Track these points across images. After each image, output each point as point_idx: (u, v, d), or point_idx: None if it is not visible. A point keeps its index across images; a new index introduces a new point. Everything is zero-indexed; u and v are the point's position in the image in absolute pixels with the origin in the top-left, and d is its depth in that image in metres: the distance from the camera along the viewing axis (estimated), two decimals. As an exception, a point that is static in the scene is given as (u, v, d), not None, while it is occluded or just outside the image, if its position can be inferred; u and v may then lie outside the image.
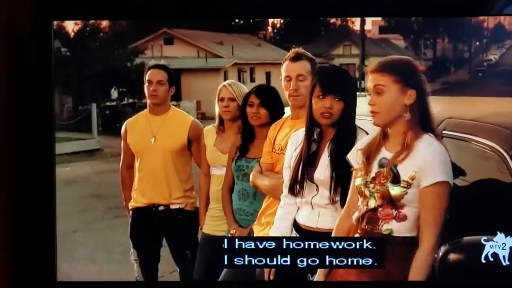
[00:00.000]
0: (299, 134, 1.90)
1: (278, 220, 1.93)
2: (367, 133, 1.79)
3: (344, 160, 1.76)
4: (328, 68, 1.93)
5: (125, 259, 2.30)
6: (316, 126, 1.84)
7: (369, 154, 1.69)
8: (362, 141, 1.75)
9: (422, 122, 1.65)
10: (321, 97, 1.80)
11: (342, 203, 1.78)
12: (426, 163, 1.60)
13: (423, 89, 1.66)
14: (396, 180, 1.63)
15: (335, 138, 1.82)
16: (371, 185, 1.67)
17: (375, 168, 1.68)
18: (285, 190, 1.90)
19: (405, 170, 1.62)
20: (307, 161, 1.83)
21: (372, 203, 1.67)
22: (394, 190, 1.63)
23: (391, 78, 1.63)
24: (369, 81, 1.66)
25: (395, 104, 1.63)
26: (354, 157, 1.73)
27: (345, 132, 1.81)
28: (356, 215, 1.72)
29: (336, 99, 1.80)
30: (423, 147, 1.62)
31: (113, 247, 2.33)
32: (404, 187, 1.62)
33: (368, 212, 1.68)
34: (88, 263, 2.23)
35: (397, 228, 1.64)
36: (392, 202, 1.63)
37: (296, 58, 1.99)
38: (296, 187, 1.85)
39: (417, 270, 1.62)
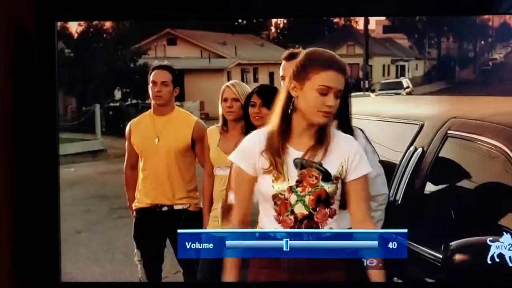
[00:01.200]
0: None
1: None
2: (360, 129, 1.83)
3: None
4: None
5: (129, 260, 2.30)
6: None
7: (274, 155, 1.65)
8: (257, 141, 1.70)
9: None
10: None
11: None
12: (354, 156, 1.64)
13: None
14: (327, 177, 1.62)
15: None
16: (299, 189, 1.64)
17: (291, 171, 1.64)
18: None
19: (332, 166, 1.63)
20: None
21: (303, 209, 1.65)
22: (329, 188, 1.63)
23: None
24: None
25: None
26: (250, 159, 1.69)
27: (344, 130, 1.79)
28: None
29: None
30: (342, 140, 1.66)
31: (116, 248, 2.33)
32: (335, 183, 1.63)
33: (302, 223, 1.67)
34: (92, 263, 2.23)
35: (335, 225, 1.67)
36: (327, 201, 1.63)
37: (290, 57, 1.98)
38: None
39: None
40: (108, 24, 2.27)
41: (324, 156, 1.63)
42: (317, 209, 1.64)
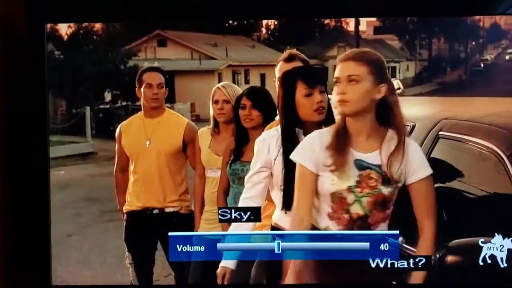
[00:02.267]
0: (270, 140, 1.89)
1: (237, 225, 1.94)
2: None
3: None
4: (303, 67, 1.93)
5: (120, 263, 2.29)
6: (299, 131, 1.83)
7: (336, 153, 1.67)
8: (318, 140, 1.72)
9: (388, 119, 1.66)
10: (309, 94, 1.80)
11: None
12: (411, 159, 1.64)
13: (391, 86, 1.67)
14: (387, 181, 1.62)
15: None
16: (357, 190, 1.65)
17: (353, 171, 1.66)
18: (250, 192, 1.91)
19: (391, 169, 1.63)
20: None
21: (358, 209, 1.65)
22: (387, 191, 1.63)
23: (367, 69, 1.63)
24: (342, 70, 1.66)
25: (367, 95, 1.64)
26: (312, 157, 1.70)
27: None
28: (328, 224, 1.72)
29: (321, 91, 1.80)
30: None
31: (107, 251, 2.32)
32: (394, 187, 1.64)
33: (357, 222, 1.67)
34: (82, 267, 2.23)
35: (384, 229, 1.70)
36: (384, 204, 1.63)
37: (289, 59, 1.99)
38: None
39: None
40: (98, 26, 2.26)
41: (388, 160, 1.65)
42: (373, 212, 1.66)
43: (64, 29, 2.17)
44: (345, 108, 1.65)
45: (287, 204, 1.84)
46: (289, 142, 1.82)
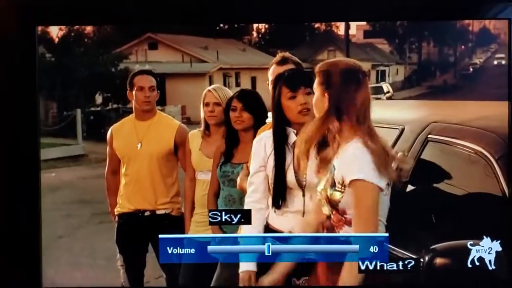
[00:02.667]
0: (266, 139, 1.90)
1: (248, 227, 1.93)
2: None
3: None
4: (287, 70, 1.94)
5: (111, 265, 2.29)
6: (290, 131, 1.84)
7: (324, 159, 1.71)
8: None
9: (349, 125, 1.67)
10: (292, 97, 1.81)
11: None
12: (346, 163, 1.63)
13: (341, 92, 1.68)
14: (333, 183, 1.64)
15: None
16: (322, 192, 1.69)
17: (328, 173, 1.69)
18: (255, 195, 1.91)
19: (338, 173, 1.64)
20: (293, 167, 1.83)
21: (326, 211, 1.68)
22: (333, 195, 1.63)
23: (317, 79, 1.70)
24: None
25: (318, 105, 1.69)
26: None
27: None
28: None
29: (307, 93, 1.81)
30: (347, 148, 1.65)
31: (98, 253, 2.32)
32: (339, 190, 1.63)
33: (325, 222, 1.69)
34: (73, 269, 2.22)
35: (351, 232, 1.66)
36: (336, 207, 1.64)
37: (282, 62, 2.00)
38: (283, 198, 1.85)
39: (347, 270, 1.67)
40: (89, 29, 2.26)
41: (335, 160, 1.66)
42: (334, 213, 1.67)
43: (55, 31, 2.18)
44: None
45: (275, 203, 1.86)
46: (279, 141, 1.85)
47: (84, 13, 2.03)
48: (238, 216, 1.93)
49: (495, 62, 2.13)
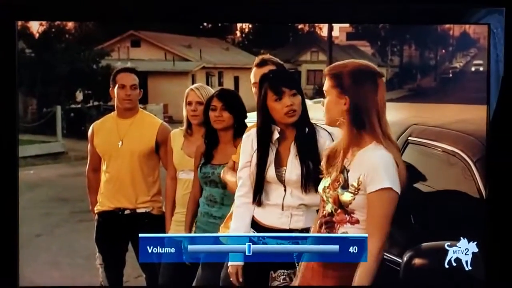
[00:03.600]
0: (253, 136, 1.90)
1: (235, 221, 1.92)
2: (329, 132, 1.82)
3: (312, 159, 1.78)
4: (272, 72, 1.94)
5: (90, 264, 2.27)
6: (275, 128, 1.85)
7: (329, 158, 1.71)
8: (329, 144, 1.78)
9: (365, 128, 1.65)
10: (278, 99, 1.81)
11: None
12: (371, 169, 1.60)
13: (360, 96, 1.66)
14: (346, 185, 1.64)
15: (298, 136, 1.83)
16: (328, 190, 1.68)
17: (334, 173, 1.69)
18: (243, 189, 1.91)
19: (353, 175, 1.63)
20: (274, 163, 1.84)
21: (329, 208, 1.68)
22: (344, 196, 1.64)
23: (330, 83, 1.67)
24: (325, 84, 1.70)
25: (334, 108, 1.67)
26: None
27: (306, 129, 1.83)
28: (317, 220, 1.74)
29: (294, 95, 1.81)
30: (369, 153, 1.63)
31: (77, 252, 2.30)
32: (351, 192, 1.63)
33: (326, 217, 1.69)
34: (51, 267, 2.20)
35: (352, 231, 1.66)
36: (343, 207, 1.65)
37: (261, 64, 2.00)
38: (261, 192, 1.86)
39: (362, 274, 1.63)
40: (70, 25, 2.23)
41: (350, 165, 1.65)
42: (337, 212, 1.67)
43: (36, 27, 2.14)
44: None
45: (254, 197, 1.87)
46: (263, 139, 1.86)
47: (65, 9, 2.00)
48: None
49: (473, 69, 2.16)
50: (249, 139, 1.91)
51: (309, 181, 1.80)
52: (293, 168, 1.82)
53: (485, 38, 1.95)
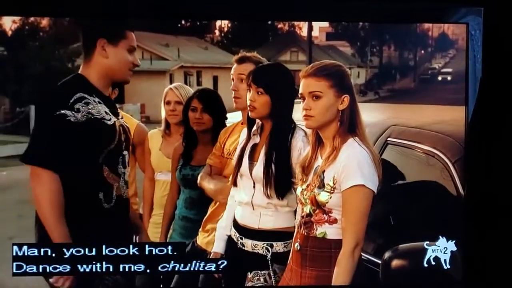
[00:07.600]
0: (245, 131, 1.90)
1: (226, 219, 1.92)
2: (306, 133, 1.79)
3: (279, 156, 1.76)
4: (263, 65, 1.92)
5: (64, 267, 2.21)
6: (258, 121, 1.83)
7: (304, 165, 1.70)
8: (301, 146, 1.77)
9: (351, 126, 1.65)
10: (249, 91, 1.80)
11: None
12: (344, 167, 1.60)
13: (353, 94, 1.67)
14: (321, 185, 1.64)
15: (272, 132, 1.80)
16: (305, 192, 1.68)
17: (311, 176, 1.69)
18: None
19: (328, 175, 1.63)
20: (249, 154, 1.83)
21: (307, 209, 1.68)
22: (320, 195, 1.64)
23: (328, 83, 1.64)
24: (303, 86, 1.66)
25: (330, 108, 1.64)
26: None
27: (279, 127, 1.79)
28: (297, 222, 1.73)
29: (259, 92, 1.78)
30: (344, 150, 1.63)
31: (51, 255, 2.24)
32: (328, 191, 1.63)
33: (304, 218, 1.69)
34: (25, 271, 2.14)
35: (330, 231, 1.65)
36: (321, 207, 1.64)
37: (241, 60, 1.98)
38: (238, 179, 1.85)
39: (339, 272, 1.61)
40: (45, 22, 2.17)
41: (329, 165, 1.63)
42: (316, 212, 1.65)
43: (8, 24, 2.08)
44: (310, 122, 1.66)
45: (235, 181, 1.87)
46: (248, 128, 1.85)
47: (39, 5, 1.95)
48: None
49: (440, 78, 2.17)
50: (243, 135, 1.90)
51: (272, 179, 1.76)
52: (259, 164, 1.79)
53: (464, 40, 1.96)
